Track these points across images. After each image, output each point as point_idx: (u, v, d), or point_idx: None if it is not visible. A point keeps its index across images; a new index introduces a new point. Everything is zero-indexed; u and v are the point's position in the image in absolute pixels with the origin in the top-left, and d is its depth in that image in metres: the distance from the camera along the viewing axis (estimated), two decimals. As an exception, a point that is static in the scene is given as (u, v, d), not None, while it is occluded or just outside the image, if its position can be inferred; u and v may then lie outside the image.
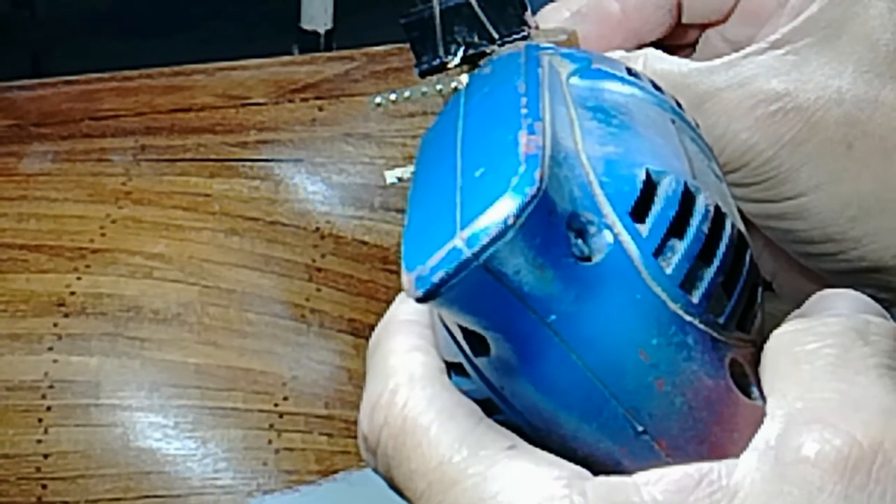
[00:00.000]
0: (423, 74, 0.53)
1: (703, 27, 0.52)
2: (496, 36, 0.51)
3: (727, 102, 0.43)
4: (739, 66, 0.44)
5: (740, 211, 0.46)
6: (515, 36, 0.51)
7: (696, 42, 0.52)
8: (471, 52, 0.52)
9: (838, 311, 0.34)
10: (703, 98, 0.43)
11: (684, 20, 0.51)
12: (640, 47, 0.48)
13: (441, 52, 0.52)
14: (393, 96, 0.53)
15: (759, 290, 0.32)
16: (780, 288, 0.50)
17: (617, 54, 0.46)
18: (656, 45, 0.48)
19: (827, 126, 0.43)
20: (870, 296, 0.47)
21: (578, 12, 0.50)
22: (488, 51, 0.52)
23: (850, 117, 0.43)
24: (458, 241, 0.26)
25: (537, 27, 0.51)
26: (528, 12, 0.54)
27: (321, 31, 1.05)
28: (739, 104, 0.43)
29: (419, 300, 0.27)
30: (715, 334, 0.29)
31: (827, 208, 0.44)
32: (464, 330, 0.29)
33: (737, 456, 0.29)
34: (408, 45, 0.55)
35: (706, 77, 0.44)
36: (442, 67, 0.52)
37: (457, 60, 0.52)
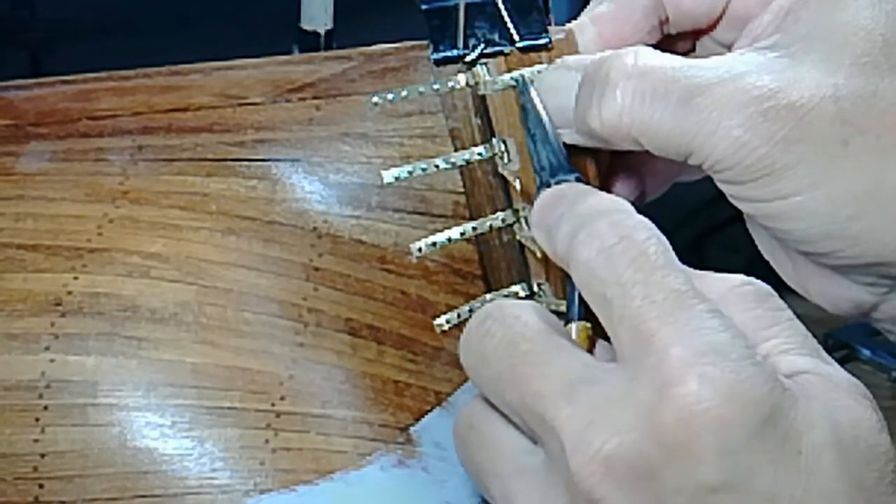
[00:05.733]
0: (438, 63, 0.53)
1: (695, 35, 0.52)
2: (517, 38, 0.52)
3: (718, 97, 0.42)
4: (731, 63, 0.43)
5: (740, 212, 0.46)
6: (536, 41, 0.52)
7: (691, 51, 0.53)
8: (489, 49, 0.52)
9: None
10: (693, 92, 0.43)
11: (673, 29, 0.51)
12: None
13: (460, 45, 0.52)
14: (390, 96, 0.53)
15: None
16: (805, 290, 0.50)
17: (609, 52, 0.46)
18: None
19: (821, 124, 0.43)
20: (870, 284, 0.47)
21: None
22: (507, 51, 0.52)
23: (846, 115, 0.43)
24: None
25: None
26: (552, 20, 0.55)
27: (321, 31, 1.05)
28: (731, 99, 0.42)
29: None
30: None
31: (823, 207, 0.44)
32: None
33: None
34: (406, 46, 0.55)
35: (697, 72, 0.43)
36: (457, 59, 0.53)
37: (474, 55, 0.52)
